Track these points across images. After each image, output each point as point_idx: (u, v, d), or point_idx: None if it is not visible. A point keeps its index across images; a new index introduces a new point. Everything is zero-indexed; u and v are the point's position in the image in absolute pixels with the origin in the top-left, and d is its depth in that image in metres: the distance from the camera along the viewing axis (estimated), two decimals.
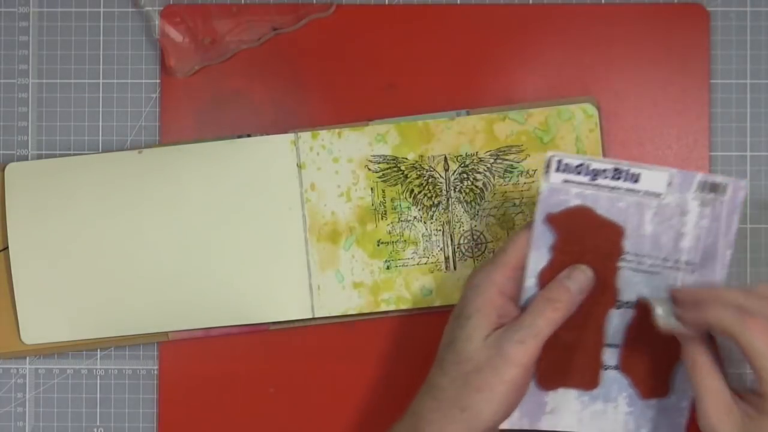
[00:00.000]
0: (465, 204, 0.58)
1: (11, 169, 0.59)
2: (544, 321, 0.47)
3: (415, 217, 0.58)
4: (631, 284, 0.50)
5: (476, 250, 0.58)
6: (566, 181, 0.48)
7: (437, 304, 0.58)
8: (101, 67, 0.60)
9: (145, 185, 0.58)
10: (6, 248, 0.58)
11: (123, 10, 0.60)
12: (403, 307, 0.58)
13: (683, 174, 0.48)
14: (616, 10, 0.59)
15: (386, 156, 0.58)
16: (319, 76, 0.59)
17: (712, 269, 0.49)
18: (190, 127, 0.60)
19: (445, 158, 0.58)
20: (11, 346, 0.58)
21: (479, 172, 0.58)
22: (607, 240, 0.49)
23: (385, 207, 0.58)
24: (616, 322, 0.50)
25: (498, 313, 0.48)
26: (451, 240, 0.58)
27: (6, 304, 0.58)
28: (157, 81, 0.60)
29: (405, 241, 0.58)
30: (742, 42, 0.60)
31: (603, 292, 0.50)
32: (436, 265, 0.58)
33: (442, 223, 0.58)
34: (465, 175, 0.58)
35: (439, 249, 0.58)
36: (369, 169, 0.58)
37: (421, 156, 0.58)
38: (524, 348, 0.47)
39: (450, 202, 0.58)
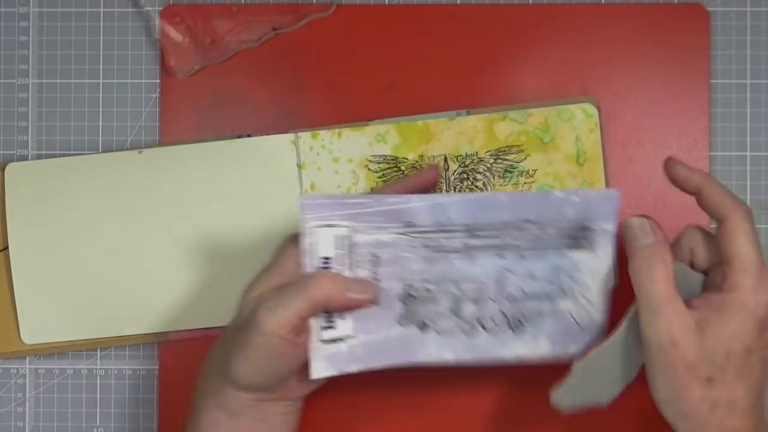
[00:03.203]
0: None
1: (11, 169, 0.59)
2: (306, 298, 0.45)
3: None
4: None
5: None
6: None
7: None
8: (101, 67, 0.60)
9: (145, 185, 0.58)
10: (6, 248, 0.58)
11: (123, 10, 0.60)
12: None
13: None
14: (616, 10, 0.59)
15: (386, 156, 0.58)
16: (319, 76, 0.59)
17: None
18: (190, 127, 0.60)
19: (445, 158, 0.58)
20: (11, 346, 0.58)
21: (479, 172, 0.58)
22: None
23: None
24: None
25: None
26: None
27: (6, 304, 0.58)
28: (157, 81, 0.60)
29: None
30: (742, 42, 0.60)
31: None
32: None
33: None
34: (465, 175, 0.58)
35: None
36: (369, 169, 0.58)
37: (421, 156, 0.58)
38: (275, 316, 0.45)
39: None
